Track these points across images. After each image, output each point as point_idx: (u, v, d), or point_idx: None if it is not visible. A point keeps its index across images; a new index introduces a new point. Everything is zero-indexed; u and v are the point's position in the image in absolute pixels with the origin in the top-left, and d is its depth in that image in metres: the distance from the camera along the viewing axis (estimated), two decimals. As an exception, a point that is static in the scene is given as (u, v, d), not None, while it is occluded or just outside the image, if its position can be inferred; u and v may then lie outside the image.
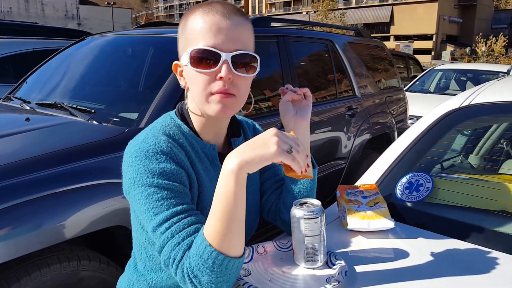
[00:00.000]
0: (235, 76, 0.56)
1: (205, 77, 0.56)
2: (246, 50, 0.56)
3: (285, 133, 0.51)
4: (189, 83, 0.59)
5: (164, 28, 1.98)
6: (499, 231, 0.75)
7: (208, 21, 0.55)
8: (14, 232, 0.94)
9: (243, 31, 0.56)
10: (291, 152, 0.48)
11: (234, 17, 0.56)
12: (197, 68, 0.55)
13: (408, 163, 0.95)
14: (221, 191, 0.50)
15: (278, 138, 0.48)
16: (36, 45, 2.99)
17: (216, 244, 0.50)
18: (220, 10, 0.56)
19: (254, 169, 0.49)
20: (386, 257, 0.69)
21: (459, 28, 44.28)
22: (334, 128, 2.13)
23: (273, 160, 0.48)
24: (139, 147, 0.56)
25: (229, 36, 0.55)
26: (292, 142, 0.49)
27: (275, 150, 0.48)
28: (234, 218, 0.50)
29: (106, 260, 1.16)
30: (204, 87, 0.56)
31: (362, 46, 2.66)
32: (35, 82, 1.92)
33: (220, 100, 0.56)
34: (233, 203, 0.49)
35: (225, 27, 0.55)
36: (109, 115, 1.42)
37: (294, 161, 0.49)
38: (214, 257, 0.49)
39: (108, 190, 1.11)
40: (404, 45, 30.30)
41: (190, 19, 0.58)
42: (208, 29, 0.55)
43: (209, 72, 0.55)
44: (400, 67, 6.43)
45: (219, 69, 0.55)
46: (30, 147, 1.18)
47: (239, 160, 0.49)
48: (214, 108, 0.57)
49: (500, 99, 1.03)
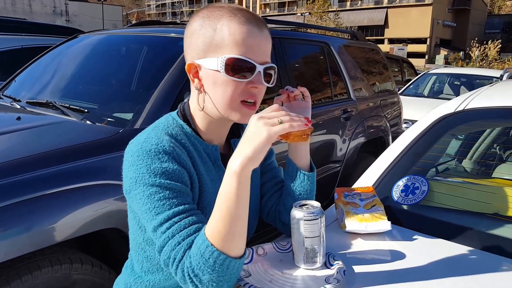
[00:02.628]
0: (262, 86, 0.59)
1: (235, 85, 0.58)
2: (271, 62, 0.60)
3: (266, 110, 0.52)
4: (212, 87, 0.59)
5: (159, 27, 1.96)
6: (492, 234, 0.76)
7: (246, 32, 0.57)
8: (4, 234, 0.91)
9: (270, 44, 0.60)
10: (281, 123, 0.50)
11: (265, 30, 0.59)
12: (232, 76, 0.57)
13: (404, 166, 0.97)
14: (224, 192, 0.50)
15: (263, 120, 0.50)
16: (24, 42, 2.92)
17: (218, 244, 0.50)
18: (254, 22, 0.58)
19: (258, 162, 0.50)
20: (383, 258, 0.70)
21: (452, 32, 45.10)
22: (329, 131, 2.14)
23: (272, 140, 0.49)
24: (141, 146, 0.56)
25: (262, 49, 0.58)
26: (276, 114, 0.51)
27: (267, 131, 0.49)
28: (236, 218, 0.50)
29: (99, 264, 1.14)
30: (233, 94, 0.58)
31: (357, 49, 2.69)
32: (25, 80, 1.88)
33: (246, 110, 0.59)
34: (236, 204, 0.50)
35: (259, 39, 0.58)
36: (103, 115, 1.40)
37: (290, 127, 0.50)
38: (215, 257, 0.50)
39: (102, 192, 1.09)
40: (398, 48, 30.69)
41: (220, 23, 0.57)
42: (246, 39, 0.57)
43: (242, 82, 0.58)
44: (394, 71, 6.51)
45: (254, 79, 0.58)
46: (20, 147, 1.15)
47: (240, 159, 0.49)
48: (238, 115, 0.59)
49: (493, 104, 1.05)
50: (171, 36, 1.65)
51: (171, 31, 1.68)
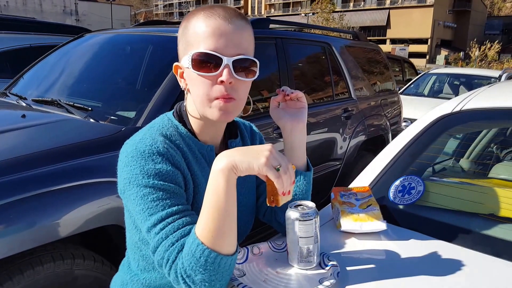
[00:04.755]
0: (235, 80, 0.56)
1: (206, 81, 0.56)
2: (247, 55, 0.57)
3: (280, 153, 0.51)
4: (190, 85, 0.59)
5: (164, 27, 1.98)
6: (487, 234, 0.77)
7: (211, 25, 0.55)
8: (7, 230, 0.93)
9: (244, 36, 0.57)
10: (278, 170, 0.49)
11: (236, 21, 0.56)
12: (198, 71, 0.56)
13: (401, 166, 0.97)
14: (211, 189, 0.51)
15: (270, 153, 0.50)
16: (33, 41, 2.96)
17: (208, 242, 0.50)
18: (222, 14, 0.56)
19: (241, 173, 0.50)
20: (378, 258, 0.71)
21: (453, 33, 45.03)
22: (330, 129, 2.15)
23: (259, 171, 0.49)
24: (136, 147, 0.56)
25: (231, 41, 0.55)
26: (282, 162, 0.50)
27: (263, 162, 0.49)
28: (225, 215, 0.50)
29: (101, 259, 1.16)
30: (204, 91, 0.56)
31: (359, 50, 2.69)
32: (32, 78, 1.90)
33: (221, 105, 0.56)
34: (224, 201, 0.50)
35: (227, 31, 0.55)
36: (106, 113, 1.41)
37: (278, 178, 0.49)
38: (206, 255, 0.50)
39: (104, 189, 1.11)
40: (400, 48, 30.63)
41: (192, 22, 0.57)
42: (211, 33, 0.55)
43: (210, 76, 0.56)
44: (395, 71, 6.51)
45: (220, 73, 0.55)
46: (25, 145, 1.17)
47: (227, 160, 0.50)
48: (214, 112, 0.57)
49: (490, 105, 1.06)
50: (175, 36, 1.66)
51: (175, 31, 1.71)
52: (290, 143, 0.70)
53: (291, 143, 0.70)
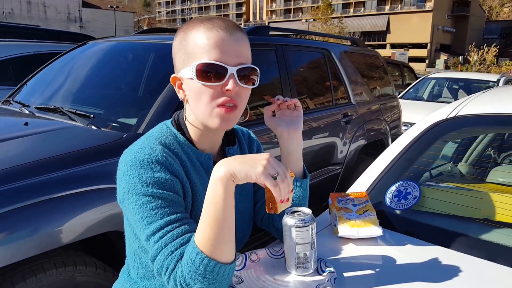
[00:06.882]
0: (240, 88, 0.58)
1: (210, 90, 0.58)
2: (248, 64, 0.59)
3: (278, 161, 0.52)
4: (191, 96, 0.60)
5: (165, 35, 2.01)
6: (482, 239, 0.78)
7: (213, 36, 0.57)
8: (10, 237, 0.94)
9: (244, 46, 0.59)
10: (276, 179, 0.50)
11: (236, 33, 0.58)
12: (203, 81, 0.57)
13: (397, 171, 0.98)
14: (210, 198, 0.51)
15: (268, 162, 0.51)
16: (37, 48, 3.00)
17: (207, 251, 0.51)
18: (223, 26, 0.58)
19: (239, 182, 0.51)
20: (375, 263, 0.71)
21: (452, 37, 45.31)
22: (330, 134, 2.17)
23: (257, 180, 0.50)
24: (135, 156, 0.57)
25: (233, 51, 0.58)
26: (280, 171, 0.51)
27: (261, 171, 0.50)
28: (224, 224, 0.51)
29: (103, 266, 1.16)
30: (210, 100, 0.58)
31: (358, 55, 2.72)
32: (35, 86, 1.93)
33: (222, 113, 0.58)
34: (223, 209, 0.51)
35: (229, 42, 0.57)
36: (108, 120, 1.43)
37: (276, 187, 0.50)
38: (205, 263, 0.50)
39: (105, 196, 1.12)
40: (400, 53, 30.81)
41: (191, 35, 0.59)
42: (213, 44, 0.57)
43: (215, 86, 0.57)
44: (395, 75, 6.53)
45: (226, 82, 0.57)
46: (27, 152, 1.19)
47: (226, 169, 0.51)
48: (216, 121, 0.59)
49: (484, 111, 1.07)
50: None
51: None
52: (287, 151, 0.71)
53: (288, 150, 0.71)
